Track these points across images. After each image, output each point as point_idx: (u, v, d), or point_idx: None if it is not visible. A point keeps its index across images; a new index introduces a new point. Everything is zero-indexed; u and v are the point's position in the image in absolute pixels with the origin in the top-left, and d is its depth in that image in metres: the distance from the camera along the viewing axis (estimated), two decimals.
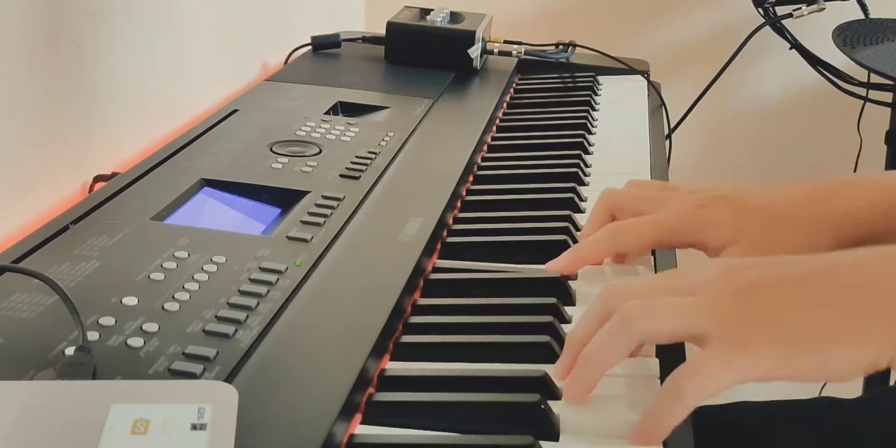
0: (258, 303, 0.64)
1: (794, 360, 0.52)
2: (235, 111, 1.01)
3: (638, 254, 0.75)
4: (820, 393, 0.90)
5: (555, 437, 0.55)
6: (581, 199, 0.88)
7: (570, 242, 0.77)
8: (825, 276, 0.54)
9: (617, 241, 0.72)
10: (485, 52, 1.26)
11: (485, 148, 1.03)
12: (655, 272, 0.75)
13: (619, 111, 1.18)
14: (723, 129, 1.92)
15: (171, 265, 0.67)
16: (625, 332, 0.54)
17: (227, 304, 0.63)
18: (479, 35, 1.23)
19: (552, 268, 0.73)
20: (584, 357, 0.56)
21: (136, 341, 0.58)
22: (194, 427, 0.47)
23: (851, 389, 1.12)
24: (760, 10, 1.56)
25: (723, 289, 0.54)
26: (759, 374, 0.52)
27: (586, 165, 0.97)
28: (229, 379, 0.56)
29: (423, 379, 0.60)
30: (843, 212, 0.69)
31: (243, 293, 0.65)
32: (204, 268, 0.67)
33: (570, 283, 0.72)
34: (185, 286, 0.65)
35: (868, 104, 1.61)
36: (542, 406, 0.55)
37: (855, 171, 1.73)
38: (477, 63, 1.24)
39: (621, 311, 0.55)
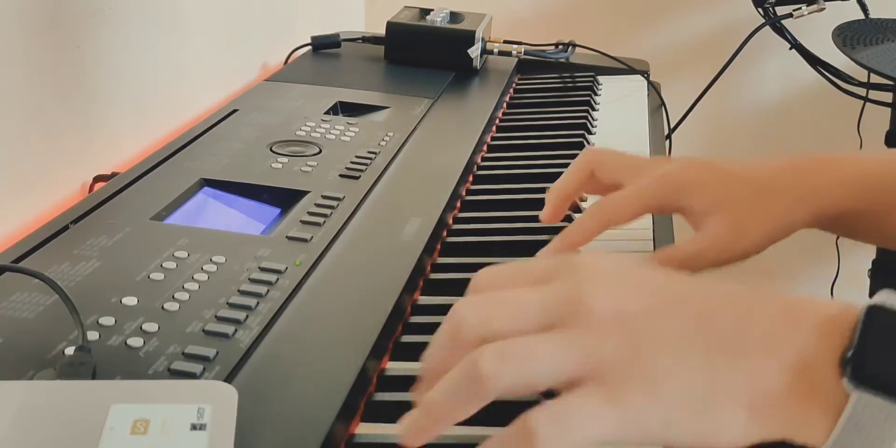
0: (258, 303, 0.64)
1: (674, 429, 0.42)
2: (235, 111, 1.01)
3: (628, 223, 0.72)
4: None
5: None
6: (581, 200, 0.88)
7: None
8: (741, 327, 0.44)
9: (603, 218, 0.70)
10: (485, 52, 1.26)
11: (484, 148, 1.03)
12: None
13: (619, 111, 1.18)
14: (723, 129, 1.92)
15: (171, 265, 0.67)
16: (478, 389, 0.44)
17: (227, 304, 0.63)
18: (479, 35, 1.23)
19: (544, 255, 0.72)
20: (426, 405, 0.46)
21: (136, 341, 0.58)
22: (194, 427, 0.47)
23: None
24: (760, 10, 1.56)
25: (601, 322, 0.44)
26: (629, 433, 0.42)
27: None
28: (229, 379, 0.56)
29: None
30: (820, 185, 0.68)
31: (243, 293, 0.65)
32: (204, 268, 0.67)
33: None
34: (185, 286, 0.65)
35: (868, 104, 1.61)
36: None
37: None
38: (477, 63, 1.24)
39: (476, 363, 0.44)
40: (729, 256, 0.67)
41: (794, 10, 1.52)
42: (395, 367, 0.62)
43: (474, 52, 1.23)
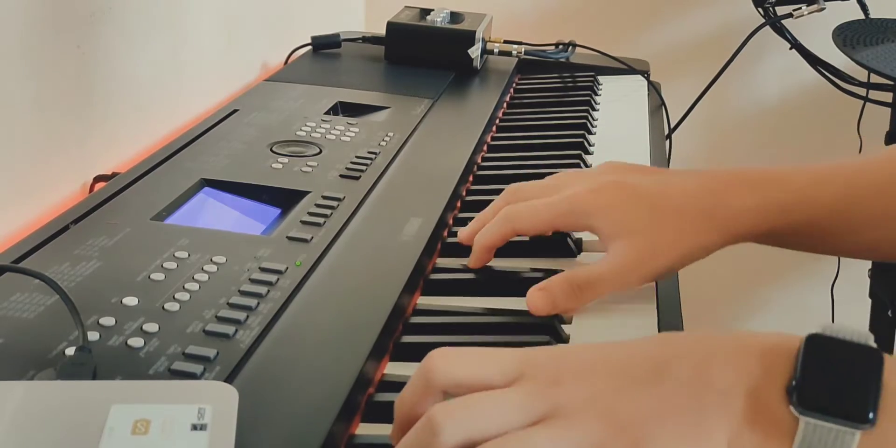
0: (258, 303, 0.64)
1: None
2: (235, 111, 1.01)
3: (535, 234, 0.75)
4: None
5: None
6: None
7: (570, 241, 0.77)
8: (699, 381, 0.47)
9: (512, 222, 0.72)
10: (485, 52, 1.26)
11: (485, 148, 1.03)
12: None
13: (619, 111, 1.18)
14: (723, 129, 1.92)
15: (172, 265, 0.67)
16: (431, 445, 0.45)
17: (228, 304, 0.63)
18: (479, 35, 1.23)
19: (471, 265, 0.74)
20: None
21: (136, 341, 0.58)
22: (194, 427, 0.47)
23: None
24: (760, 10, 1.56)
25: (582, 408, 0.46)
26: None
27: (586, 165, 0.97)
28: (229, 379, 0.56)
29: None
30: (733, 208, 0.68)
31: (243, 293, 0.65)
32: (204, 268, 0.67)
33: None
34: (186, 286, 0.65)
35: (868, 104, 1.61)
36: None
37: None
38: (477, 63, 1.24)
39: (429, 418, 0.46)
40: (633, 282, 0.68)
41: (794, 10, 1.52)
42: (395, 368, 0.62)
43: (474, 52, 1.23)
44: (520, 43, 1.30)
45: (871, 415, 0.44)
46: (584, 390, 0.47)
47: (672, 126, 1.27)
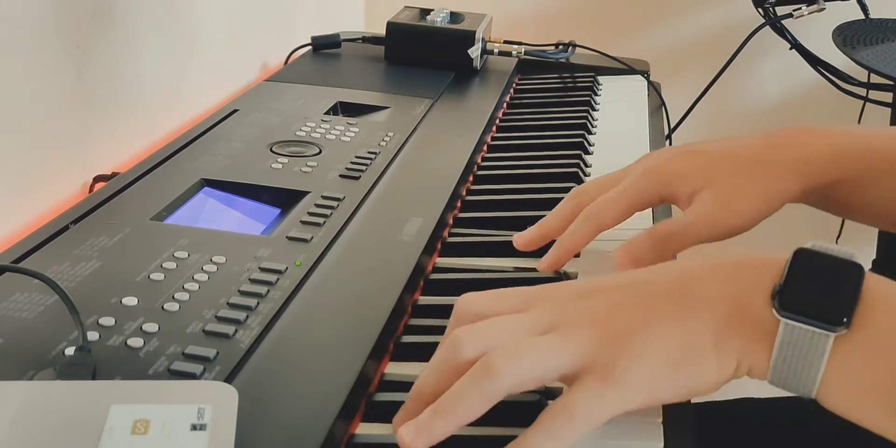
0: (258, 303, 0.64)
1: (661, 384, 0.50)
2: (235, 111, 1.01)
3: (617, 224, 0.74)
4: None
5: None
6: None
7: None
8: (682, 291, 0.52)
9: (593, 223, 0.72)
10: (485, 52, 1.26)
11: (485, 148, 1.03)
12: None
13: (619, 111, 1.18)
14: (723, 130, 1.92)
15: (171, 265, 0.67)
16: (491, 384, 0.49)
17: (227, 304, 0.63)
18: (479, 35, 1.23)
19: (543, 267, 0.73)
20: (440, 407, 0.50)
21: (136, 341, 0.58)
22: (194, 427, 0.47)
23: None
24: (760, 10, 1.56)
25: (580, 320, 0.52)
26: (630, 406, 0.50)
27: (586, 165, 0.97)
28: (229, 379, 0.56)
29: None
30: (801, 157, 0.69)
31: (243, 293, 0.65)
32: (204, 268, 0.67)
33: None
34: (185, 286, 0.65)
35: (868, 104, 1.61)
36: (544, 405, 0.55)
37: None
38: (477, 63, 1.24)
39: (485, 362, 0.50)
40: (719, 231, 0.68)
41: (794, 10, 1.52)
42: (395, 368, 0.62)
43: (474, 52, 1.23)
44: (520, 43, 1.29)
45: (845, 319, 0.48)
46: (582, 309, 0.53)
47: (672, 126, 1.27)
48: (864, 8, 1.58)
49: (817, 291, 0.49)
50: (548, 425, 0.49)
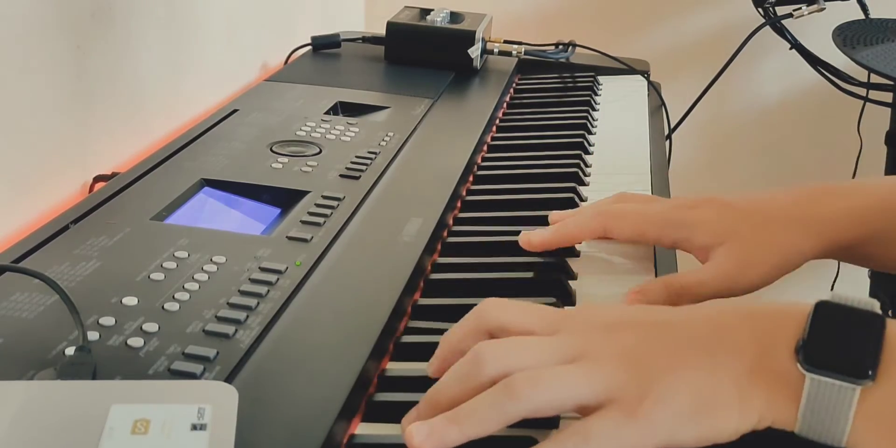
0: (258, 303, 0.64)
1: (681, 428, 0.50)
2: (235, 111, 1.01)
3: (621, 241, 0.76)
4: None
5: None
6: (581, 199, 0.88)
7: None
8: (714, 339, 0.52)
9: (604, 222, 0.73)
10: (485, 52, 1.26)
11: (485, 148, 1.03)
12: (655, 274, 0.74)
13: (619, 111, 1.18)
14: (723, 129, 1.92)
15: (171, 265, 0.67)
16: (512, 407, 0.50)
17: (227, 304, 0.63)
18: (479, 35, 1.23)
19: (536, 239, 0.74)
20: (456, 417, 0.51)
21: (136, 341, 0.58)
22: (194, 427, 0.47)
23: None
24: (760, 10, 1.56)
25: (606, 353, 0.52)
26: (645, 445, 0.49)
27: (586, 165, 0.97)
28: (229, 379, 0.56)
29: (423, 379, 0.60)
30: (827, 214, 0.70)
31: (243, 293, 0.64)
32: (204, 268, 0.67)
33: (570, 283, 0.72)
34: (185, 286, 0.65)
35: (868, 104, 1.61)
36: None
37: (855, 171, 1.73)
38: (477, 63, 1.24)
39: (508, 384, 0.51)
40: (735, 290, 0.69)
41: (794, 10, 1.52)
42: (395, 368, 0.62)
43: (474, 52, 1.23)
44: (520, 43, 1.30)
45: (870, 372, 0.48)
46: (609, 342, 0.53)
47: (672, 126, 1.27)
48: (864, 8, 1.58)
49: (842, 346, 0.49)
50: (563, 442, 0.50)
